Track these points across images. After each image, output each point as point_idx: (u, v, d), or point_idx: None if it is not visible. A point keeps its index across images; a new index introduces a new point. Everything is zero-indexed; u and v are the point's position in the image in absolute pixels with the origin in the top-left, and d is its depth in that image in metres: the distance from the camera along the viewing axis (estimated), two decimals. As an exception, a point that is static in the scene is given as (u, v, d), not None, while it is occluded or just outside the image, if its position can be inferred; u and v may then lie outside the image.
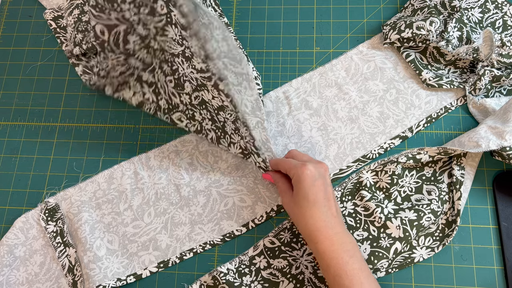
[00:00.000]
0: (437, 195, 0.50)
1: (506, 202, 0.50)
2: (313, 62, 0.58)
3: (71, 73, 0.61)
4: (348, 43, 0.59)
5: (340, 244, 0.42)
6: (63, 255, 0.52)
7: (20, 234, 0.53)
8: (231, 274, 0.50)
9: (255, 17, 0.62)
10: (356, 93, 0.56)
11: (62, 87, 0.61)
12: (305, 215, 0.43)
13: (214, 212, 0.53)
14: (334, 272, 0.41)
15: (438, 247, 0.48)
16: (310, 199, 0.43)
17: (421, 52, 0.56)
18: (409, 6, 0.57)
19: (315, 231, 0.42)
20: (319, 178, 0.44)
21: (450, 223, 0.49)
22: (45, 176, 0.57)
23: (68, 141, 0.58)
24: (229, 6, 0.62)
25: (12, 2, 0.66)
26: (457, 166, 0.50)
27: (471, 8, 0.56)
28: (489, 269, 0.48)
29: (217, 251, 0.52)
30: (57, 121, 0.59)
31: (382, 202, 0.50)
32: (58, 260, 0.52)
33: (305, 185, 0.43)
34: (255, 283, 0.49)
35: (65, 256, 0.52)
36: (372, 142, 0.54)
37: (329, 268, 0.41)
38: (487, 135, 0.48)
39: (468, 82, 0.53)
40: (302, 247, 0.50)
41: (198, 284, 0.50)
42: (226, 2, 0.63)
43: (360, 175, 0.52)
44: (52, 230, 0.53)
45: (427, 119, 0.54)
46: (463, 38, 0.52)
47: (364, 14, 0.60)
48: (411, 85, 0.55)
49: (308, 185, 0.43)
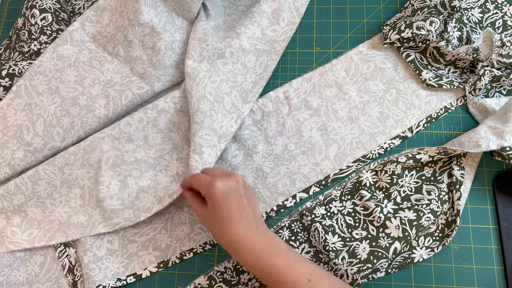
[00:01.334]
0: (437, 195, 0.50)
1: (506, 202, 0.50)
2: (313, 62, 0.58)
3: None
4: (348, 43, 0.59)
5: (263, 249, 0.42)
6: (63, 255, 0.52)
7: None
8: (228, 272, 0.50)
9: (255, 17, 0.61)
10: (356, 93, 0.56)
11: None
12: (222, 230, 0.43)
13: None
14: (269, 280, 0.41)
15: (437, 247, 0.48)
16: (224, 215, 0.42)
17: (421, 52, 0.56)
18: (409, 6, 0.57)
19: (235, 242, 0.42)
20: (230, 194, 0.43)
21: (450, 223, 0.49)
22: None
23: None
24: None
25: (12, 2, 0.66)
26: (457, 166, 0.50)
27: (471, 8, 0.56)
28: (489, 269, 0.48)
29: (217, 251, 0.52)
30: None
31: (382, 201, 0.50)
32: (58, 260, 0.52)
33: (216, 203, 0.42)
34: (252, 281, 0.49)
35: (65, 256, 0.52)
36: (372, 142, 0.54)
37: (262, 278, 0.42)
38: (487, 135, 0.48)
39: (468, 82, 0.53)
40: (301, 245, 0.50)
41: (192, 287, 0.50)
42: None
43: (360, 175, 0.52)
44: None
45: (427, 119, 0.54)
46: (463, 38, 0.52)
47: (364, 14, 0.60)
48: (411, 85, 0.55)
49: (218, 203, 0.42)
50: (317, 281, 0.40)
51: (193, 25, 0.56)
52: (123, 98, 0.54)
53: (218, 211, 0.43)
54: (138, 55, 0.54)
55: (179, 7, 0.54)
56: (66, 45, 0.55)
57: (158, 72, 0.54)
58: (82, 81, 0.54)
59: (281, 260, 0.41)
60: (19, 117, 0.54)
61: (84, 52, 0.55)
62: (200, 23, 0.55)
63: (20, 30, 0.57)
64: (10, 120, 0.54)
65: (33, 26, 0.57)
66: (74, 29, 0.55)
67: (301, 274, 0.41)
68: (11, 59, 0.57)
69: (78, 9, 0.62)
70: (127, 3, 0.53)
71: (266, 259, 0.41)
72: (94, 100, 0.53)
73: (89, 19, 0.56)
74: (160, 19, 0.53)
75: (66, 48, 0.55)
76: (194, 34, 0.54)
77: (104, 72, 0.54)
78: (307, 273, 0.41)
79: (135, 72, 0.54)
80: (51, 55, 0.55)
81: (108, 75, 0.54)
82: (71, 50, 0.55)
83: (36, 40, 0.57)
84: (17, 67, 0.55)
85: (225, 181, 0.43)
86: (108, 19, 0.56)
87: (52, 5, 0.58)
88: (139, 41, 0.53)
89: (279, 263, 0.41)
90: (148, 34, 0.53)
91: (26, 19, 0.57)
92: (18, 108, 0.54)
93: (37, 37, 0.57)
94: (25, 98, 0.54)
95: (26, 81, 0.54)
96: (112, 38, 0.55)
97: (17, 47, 0.58)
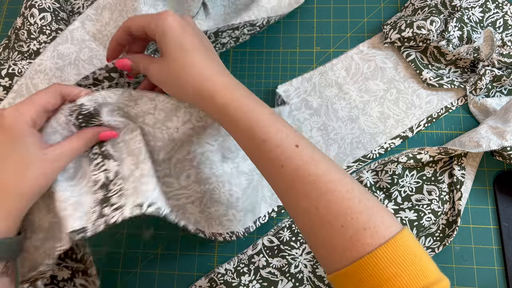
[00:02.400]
0: (438, 195, 0.49)
1: (507, 202, 0.50)
2: (313, 62, 0.58)
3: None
4: (349, 42, 0.59)
5: (238, 90, 0.34)
6: (100, 168, 0.40)
7: None
8: (229, 274, 0.49)
9: (255, 17, 0.61)
10: (357, 93, 0.56)
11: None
12: (185, 68, 0.34)
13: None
14: (244, 126, 0.33)
15: (438, 248, 0.48)
16: (186, 47, 0.34)
17: (421, 51, 0.55)
18: (410, 6, 0.57)
19: (204, 81, 0.34)
20: (187, 25, 0.35)
21: (451, 223, 0.49)
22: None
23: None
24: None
25: (12, 2, 0.66)
26: (457, 166, 0.50)
27: (471, 8, 0.56)
28: (490, 270, 0.48)
29: (216, 251, 0.52)
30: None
31: (382, 202, 0.50)
32: (90, 174, 0.40)
33: (174, 34, 0.34)
34: (253, 283, 0.49)
35: (103, 171, 0.39)
36: (372, 142, 0.54)
37: (237, 124, 0.33)
38: (488, 135, 0.47)
39: (469, 81, 0.53)
40: (301, 245, 0.50)
41: None
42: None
43: (360, 175, 0.52)
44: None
45: (427, 119, 0.54)
46: (464, 38, 0.52)
47: (364, 14, 0.60)
48: (411, 85, 0.55)
49: (178, 33, 0.34)
50: (306, 148, 0.32)
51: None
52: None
53: (179, 45, 0.34)
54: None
55: (178, 6, 0.54)
56: (66, 44, 0.55)
57: None
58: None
59: (267, 109, 0.34)
60: None
61: (84, 50, 0.55)
62: (197, 21, 0.55)
63: (19, 30, 0.57)
64: None
65: (32, 26, 0.56)
66: (74, 28, 0.55)
67: (288, 135, 0.33)
68: (10, 58, 0.57)
69: (77, 9, 0.62)
70: (126, 2, 0.53)
71: (247, 102, 0.33)
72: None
73: (89, 17, 0.56)
74: None
75: (67, 46, 0.55)
76: None
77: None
78: (295, 138, 0.33)
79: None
80: (51, 53, 0.54)
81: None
82: (71, 49, 0.55)
83: (36, 39, 0.56)
84: (17, 66, 0.55)
85: (175, 13, 0.36)
86: (108, 17, 0.55)
87: (51, 4, 0.58)
88: None
89: (264, 117, 0.33)
90: None
91: (25, 18, 0.57)
92: None
93: (37, 37, 0.56)
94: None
95: (27, 80, 0.54)
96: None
97: (16, 47, 0.57)
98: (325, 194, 0.30)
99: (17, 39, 0.58)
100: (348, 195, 0.30)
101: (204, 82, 0.34)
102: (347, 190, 0.30)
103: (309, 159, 0.31)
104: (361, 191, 0.31)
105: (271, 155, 0.32)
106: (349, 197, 0.30)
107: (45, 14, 0.57)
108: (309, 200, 0.30)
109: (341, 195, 0.30)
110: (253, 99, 0.34)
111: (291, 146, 0.32)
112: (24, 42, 0.57)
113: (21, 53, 0.57)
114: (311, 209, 0.30)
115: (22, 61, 0.55)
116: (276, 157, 0.32)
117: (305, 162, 0.31)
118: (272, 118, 0.34)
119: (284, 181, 0.32)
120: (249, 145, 0.34)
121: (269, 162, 0.32)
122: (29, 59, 0.56)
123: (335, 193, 0.30)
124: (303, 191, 0.31)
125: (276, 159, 0.32)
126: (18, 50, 0.57)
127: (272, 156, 0.32)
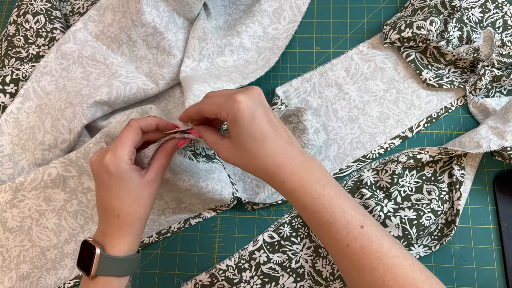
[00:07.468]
0: (437, 194, 0.49)
1: (507, 202, 0.50)
2: (313, 62, 0.58)
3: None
4: (348, 42, 0.59)
5: (308, 175, 0.36)
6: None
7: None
8: (230, 270, 0.50)
9: (255, 17, 0.61)
10: (356, 93, 0.56)
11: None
12: (258, 155, 0.36)
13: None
14: (312, 210, 0.35)
15: (435, 246, 0.48)
16: (257, 136, 0.35)
17: (421, 52, 0.55)
18: (409, 6, 0.57)
19: (276, 169, 0.36)
20: (257, 107, 0.36)
21: (449, 223, 0.49)
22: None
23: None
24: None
25: (11, 2, 0.66)
26: (457, 166, 0.50)
27: (471, 8, 0.56)
28: (490, 270, 0.48)
29: (216, 251, 0.52)
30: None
31: (382, 201, 0.50)
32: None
33: (244, 122, 0.35)
34: (254, 279, 0.49)
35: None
36: (372, 142, 0.54)
37: (306, 208, 0.35)
38: (488, 135, 0.47)
39: (469, 82, 0.53)
40: (302, 241, 0.50)
41: (193, 283, 0.50)
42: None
43: (361, 174, 0.52)
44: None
45: (427, 119, 0.54)
46: (464, 38, 0.52)
47: (364, 14, 0.60)
48: (411, 85, 0.55)
49: (249, 121, 0.35)
50: (370, 228, 0.35)
51: (193, 24, 0.56)
52: (127, 90, 0.53)
53: (250, 134, 0.35)
54: (143, 54, 0.54)
55: (180, 8, 0.54)
56: (69, 44, 0.55)
57: (163, 70, 0.54)
58: (88, 76, 0.54)
59: (334, 192, 0.35)
60: (32, 119, 0.54)
61: (86, 48, 0.55)
62: (199, 22, 0.55)
63: (14, 37, 0.58)
64: (24, 123, 0.54)
65: (28, 31, 0.57)
66: (77, 29, 0.56)
67: (352, 216, 0.35)
68: (6, 66, 0.58)
69: (77, 9, 0.62)
70: (129, 3, 0.53)
71: (316, 188, 0.35)
72: (97, 89, 0.53)
73: (92, 18, 0.56)
74: (162, 19, 0.53)
75: (69, 46, 0.55)
76: (193, 33, 0.54)
77: (109, 66, 0.54)
78: (360, 218, 0.35)
79: (140, 71, 0.54)
80: (55, 55, 0.55)
81: (113, 68, 0.54)
82: (74, 48, 0.55)
83: (34, 43, 0.57)
84: (20, 71, 0.55)
85: (248, 93, 0.36)
86: (111, 18, 0.56)
87: (43, 6, 0.58)
88: (143, 41, 0.54)
89: (329, 199, 0.35)
90: (151, 34, 0.53)
91: (20, 25, 0.58)
92: (30, 111, 0.54)
93: (34, 41, 0.57)
94: (35, 100, 0.54)
95: (34, 83, 0.54)
96: (116, 38, 0.55)
97: (11, 54, 0.58)
98: (392, 268, 0.33)
99: (12, 46, 0.58)
100: (411, 268, 0.33)
101: (276, 171, 0.36)
102: (410, 264, 0.33)
103: (374, 238, 0.34)
104: (419, 263, 0.34)
105: (337, 236, 0.34)
106: (413, 270, 0.33)
107: (38, 17, 0.58)
108: (376, 274, 0.33)
109: (405, 268, 0.33)
110: (322, 184, 0.36)
111: (357, 227, 0.34)
112: (22, 48, 0.57)
113: (20, 59, 0.58)
114: (378, 282, 0.33)
115: (25, 65, 0.56)
116: (343, 237, 0.34)
117: (370, 242, 0.34)
118: (340, 200, 0.35)
119: (349, 259, 0.34)
120: (317, 226, 0.36)
121: (335, 242, 0.35)
122: (31, 62, 0.57)
123: (400, 267, 0.33)
124: (369, 267, 0.33)
125: (343, 239, 0.34)
126: (15, 56, 0.58)
127: (338, 236, 0.34)
